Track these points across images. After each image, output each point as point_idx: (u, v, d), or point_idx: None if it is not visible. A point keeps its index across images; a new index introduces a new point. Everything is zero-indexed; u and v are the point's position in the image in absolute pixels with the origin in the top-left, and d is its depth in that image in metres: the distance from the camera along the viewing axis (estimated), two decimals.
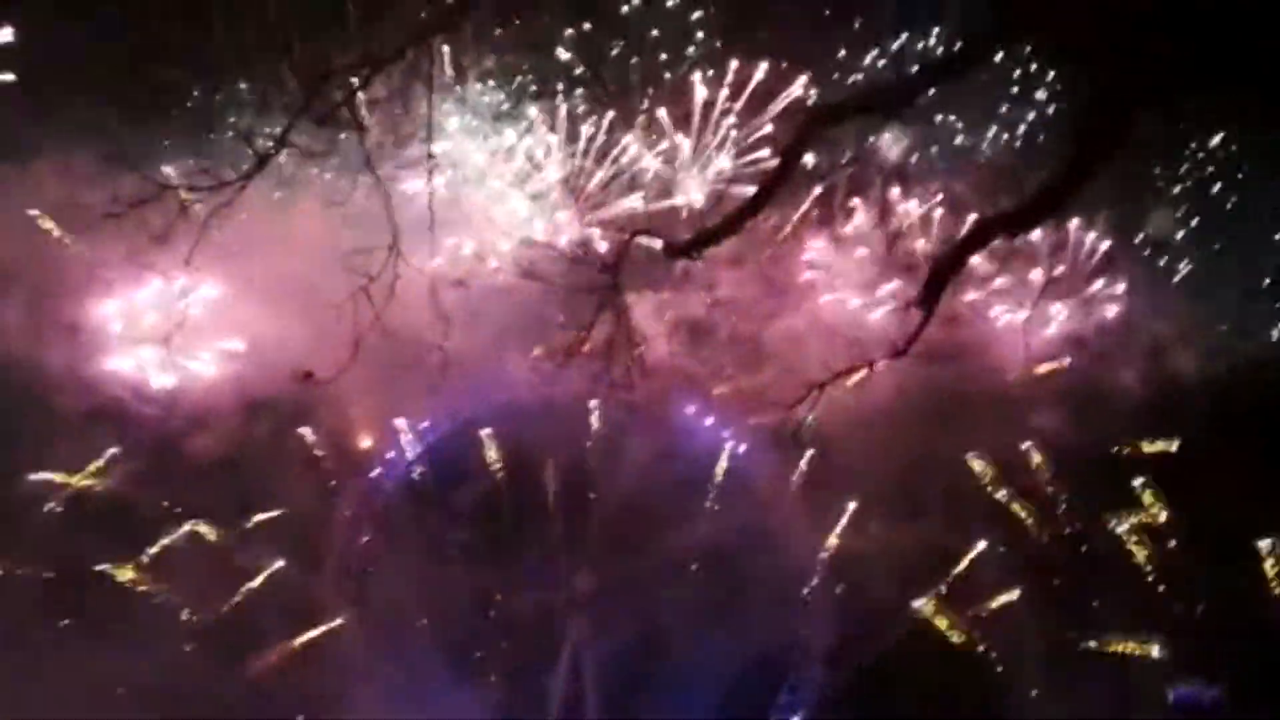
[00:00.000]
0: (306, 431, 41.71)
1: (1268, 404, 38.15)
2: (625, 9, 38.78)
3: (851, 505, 43.13)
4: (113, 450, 39.70)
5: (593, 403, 41.39)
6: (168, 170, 18.15)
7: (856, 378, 15.33)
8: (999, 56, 28.59)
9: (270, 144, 14.37)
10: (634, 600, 42.72)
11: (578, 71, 39.08)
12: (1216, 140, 38.48)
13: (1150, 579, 42.74)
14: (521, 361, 41.51)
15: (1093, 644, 42.30)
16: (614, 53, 39.08)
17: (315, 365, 14.69)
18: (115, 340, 36.79)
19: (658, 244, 15.70)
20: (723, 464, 43.65)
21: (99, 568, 39.30)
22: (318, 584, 41.85)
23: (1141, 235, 41.59)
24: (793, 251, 41.99)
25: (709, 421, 43.73)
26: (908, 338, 13.67)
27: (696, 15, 39.21)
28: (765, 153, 39.44)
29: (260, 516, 40.76)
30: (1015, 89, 39.72)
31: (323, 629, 41.26)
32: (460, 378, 41.51)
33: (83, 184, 29.25)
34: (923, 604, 43.14)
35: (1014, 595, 42.50)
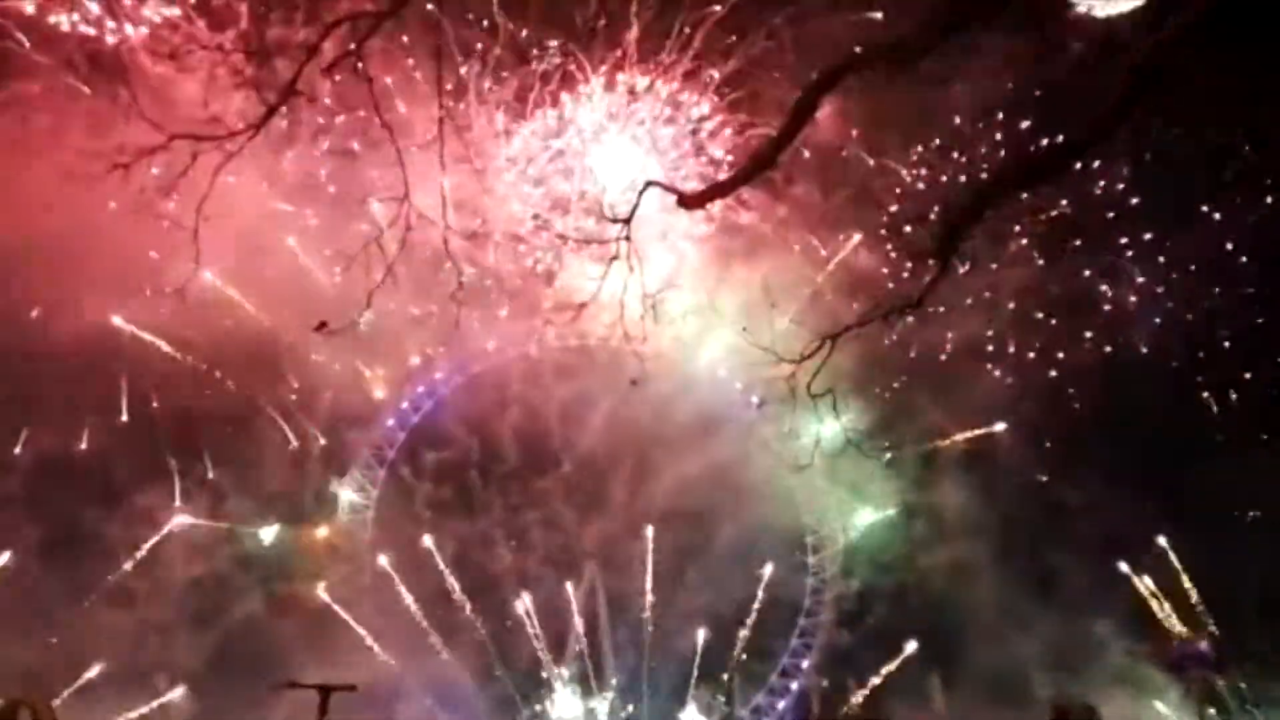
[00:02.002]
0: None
1: None
2: None
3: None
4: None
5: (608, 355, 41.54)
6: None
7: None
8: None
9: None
10: (644, 545, 43.27)
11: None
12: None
13: None
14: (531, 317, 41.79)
15: None
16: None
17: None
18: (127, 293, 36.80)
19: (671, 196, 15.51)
20: (735, 416, 43.76)
21: None
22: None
23: None
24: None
25: (721, 373, 43.79)
26: (923, 290, 13.47)
27: None
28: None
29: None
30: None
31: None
32: (469, 333, 42.00)
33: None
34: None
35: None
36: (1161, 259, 40.85)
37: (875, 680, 42.80)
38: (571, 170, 39.74)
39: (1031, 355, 42.00)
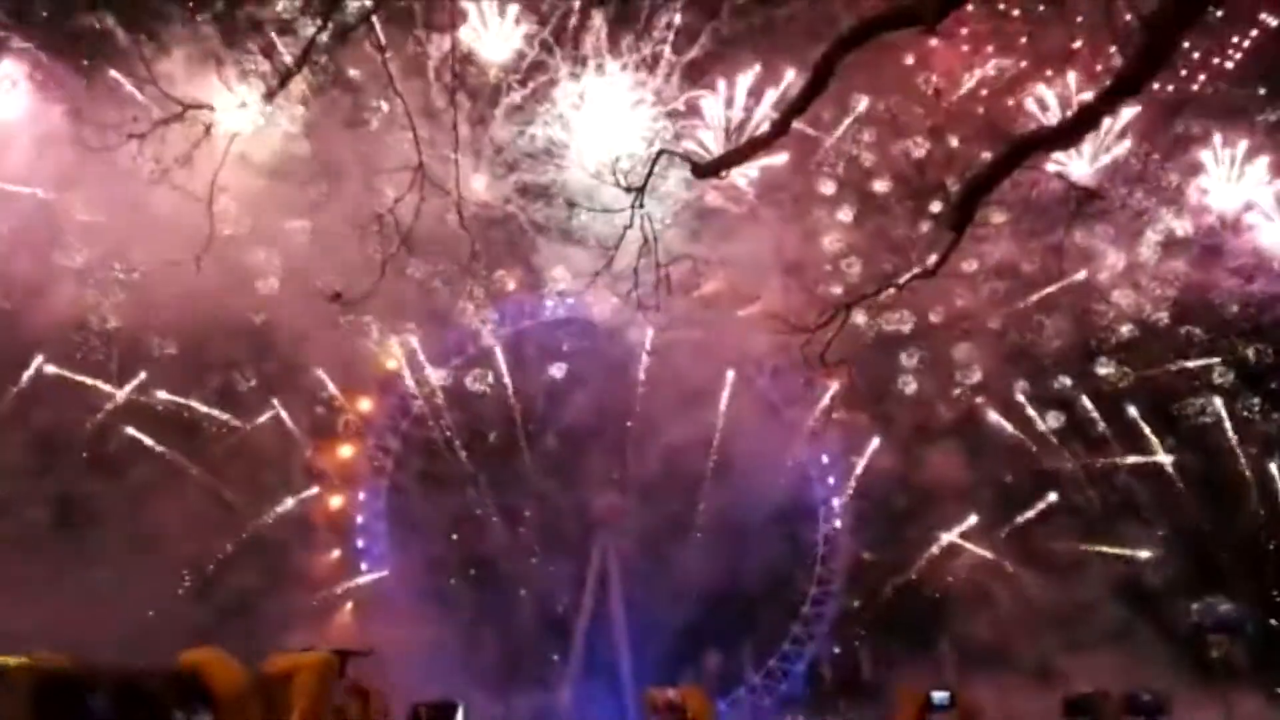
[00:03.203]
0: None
1: None
2: None
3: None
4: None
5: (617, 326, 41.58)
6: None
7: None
8: None
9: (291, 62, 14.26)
10: (655, 515, 43.40)
11: None
12: None
13: None
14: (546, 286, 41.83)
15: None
16: None
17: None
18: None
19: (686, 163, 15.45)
20: (744, 384, 43.74)
21: None
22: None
23: None
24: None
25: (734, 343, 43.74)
26: (938, 258, 13.40)
27: None
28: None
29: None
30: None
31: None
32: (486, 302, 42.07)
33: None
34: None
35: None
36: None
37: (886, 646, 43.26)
38: (554, 151, 39.77)
39: None
